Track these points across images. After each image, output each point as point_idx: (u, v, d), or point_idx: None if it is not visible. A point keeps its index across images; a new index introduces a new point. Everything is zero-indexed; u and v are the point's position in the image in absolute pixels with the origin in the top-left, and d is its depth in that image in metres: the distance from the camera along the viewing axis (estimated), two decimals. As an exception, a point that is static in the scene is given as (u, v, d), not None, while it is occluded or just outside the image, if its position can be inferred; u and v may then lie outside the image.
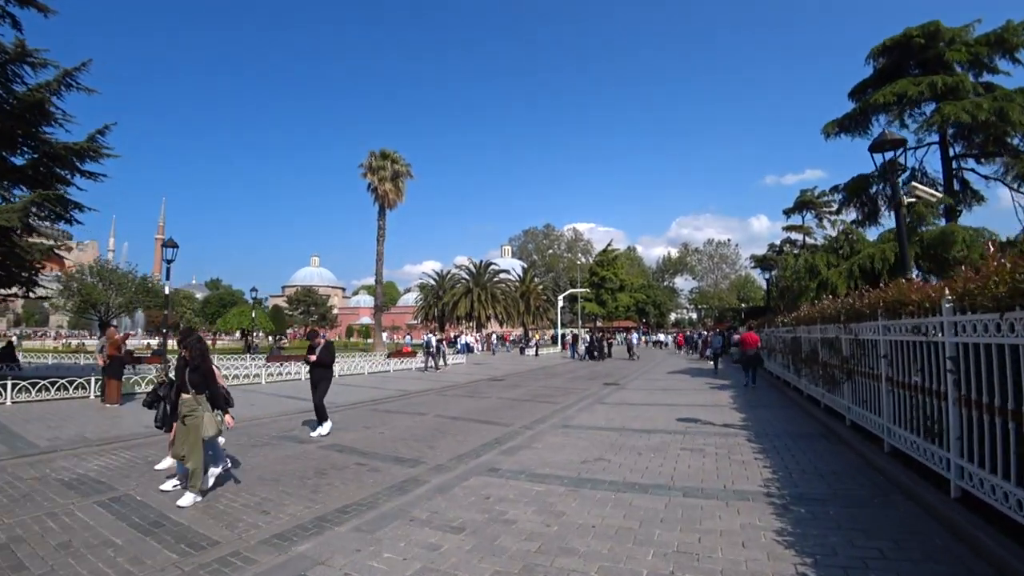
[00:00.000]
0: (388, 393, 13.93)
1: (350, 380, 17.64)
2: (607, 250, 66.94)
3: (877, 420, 6.04)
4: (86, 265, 38.00)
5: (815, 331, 9.24)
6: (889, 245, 12.73)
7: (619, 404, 11.11)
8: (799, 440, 7.08)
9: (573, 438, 7.60)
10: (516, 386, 15.48)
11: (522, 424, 8.94)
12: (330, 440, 7.76)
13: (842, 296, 9.90)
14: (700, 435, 7.56)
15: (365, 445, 7.47)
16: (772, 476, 5.36)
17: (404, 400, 12.57)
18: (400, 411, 10.74)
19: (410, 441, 7.68)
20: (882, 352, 5.79)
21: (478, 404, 11.67)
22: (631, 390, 13.86)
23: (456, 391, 14.55)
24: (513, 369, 22.67)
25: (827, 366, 8.35)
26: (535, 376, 19.03)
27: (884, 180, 15.71)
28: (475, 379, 18.01)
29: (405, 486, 5.37)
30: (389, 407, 11.39)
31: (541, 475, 5.63)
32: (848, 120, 16.26)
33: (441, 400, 12.55)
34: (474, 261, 51.18)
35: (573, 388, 14.56)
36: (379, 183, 35.07)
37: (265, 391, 14.34)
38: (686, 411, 9.91)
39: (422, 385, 16.11)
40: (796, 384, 11.39)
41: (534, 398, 12.55)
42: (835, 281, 13.08)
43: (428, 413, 10.40)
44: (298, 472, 5.98)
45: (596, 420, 9.11)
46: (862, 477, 5.27)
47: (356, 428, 8.81)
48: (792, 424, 8.33)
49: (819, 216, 31.98)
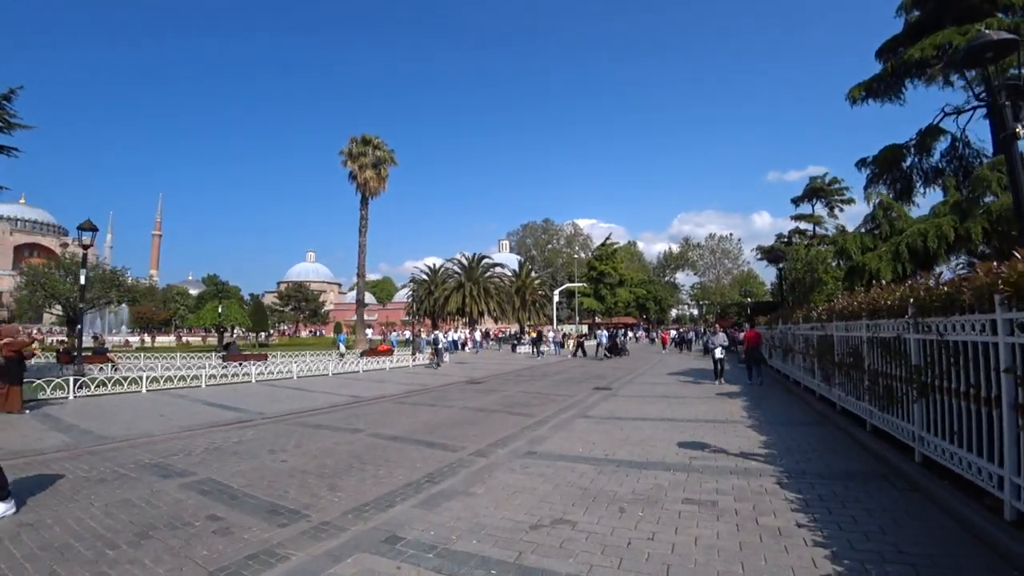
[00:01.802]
0: (336, 400, 11.83)
1: (308, 383, 15.55)
2: (606, 244, 64.85)
3: (985, 466, 3.92)
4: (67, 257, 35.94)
5: (857, 328, 7.10)
6: (947, 219, 10.45)
7: (606, 418, 8.99)
8: (852, 485, 4.94)
9: (533, 476, 5.48)
10: (492, 391, 13.36)
11: (475, 449, 6.84)
12: (204, 474, 5.67)
13: (885, 283, 7.77)
14: (710, 473, 5.44)
15: (247, 482, 5.39)
16: (834, 569, 3.24)
17: (348, 411, 10.46)
18: (332, 427, 8.64)
19: (310, 477, 5.58)
20: (1002, 362, 3.67)
21: (435, 416, 9.56)
22: (624, 397, 11.73)
23: (419, 397, 12.44)
24: (498, 369, 20.55)
25: (879, 376, 6.22)
26: (519, 378, 16.91)
27: (920, 150, 13.50)
28: (450, 382, 15.90)
29: (249, 566, 3.35)
30: (323, 420, 9.28)
31: (460, 558, 3.52)
32: (878, 82, 13.96)
33: (393, 410, 10.44)
34: (466, 254, 48.90)
35: (556, 394, 12.45)
36: (360, 170, 32.84)
37: (198, 397, 12.27)
38: (690, 429, 7.79)
39: (384, 390, 14.01)
40: (825, 394, 9.26)
41: (506, 408, 10.43)
42: (874, 265, 10.80)
43: (364, 430, 8.29)
44: (112, 533, 3.90)
45: (572, 445, 6.98)
46: (985, 571, 3.16)
47: (258, 453, 6.72)
48: (833, 454, 6.20)
49: (830, 205, 29.80)
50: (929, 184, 14.16)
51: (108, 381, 12.90)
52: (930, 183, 14.11)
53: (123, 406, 10.96)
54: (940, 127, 14.17)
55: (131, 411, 10.29)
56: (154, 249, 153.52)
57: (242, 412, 10.18)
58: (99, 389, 12.58)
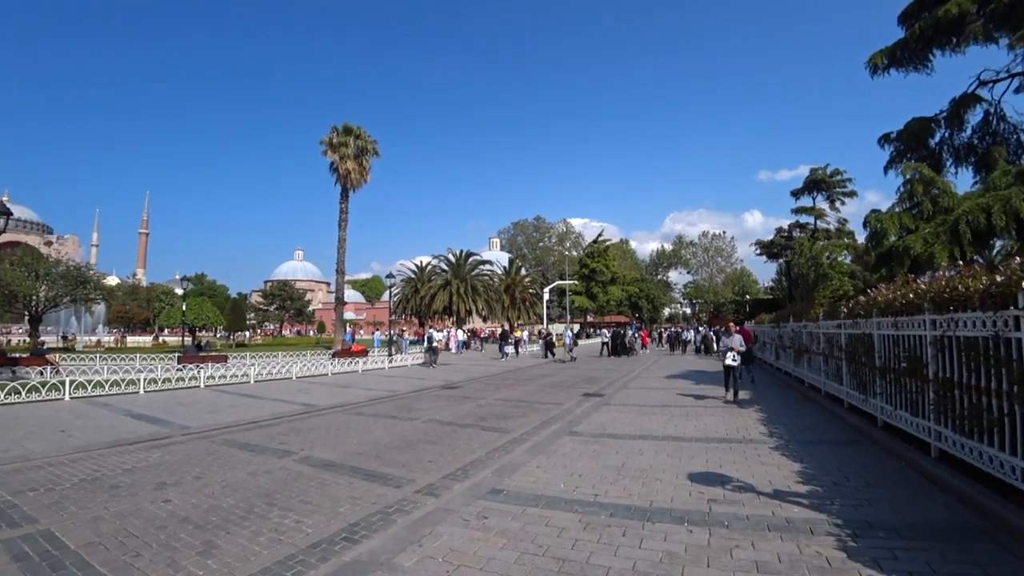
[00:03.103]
0: (283, 410, 10.18)
1: (264, 388, 13.86)
2: (598, 240, 63.46)
3: None
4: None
5: (915, 325, 5.58)
6: (1016, 191, 8.87)
7: (597, 436, 7.41)
8: (948, 551, 3.39)
9: (492, 535, 3.89)
10: (467, 399, 11.75)
11: (426, 483, 5.24)
12: (45, 523, 4.02)
13: (942, 268, 6.27)
14: (740, 529, 3.87)
15: (92, 539, 3.85)
16: None
17: (291, 424, 8.81)
18: (260, 447, 7.00)
19: (185, 532, 3.97)
20: None
21: (390, 432, 7.93)
22: (617, 407, 10.17)
23: (382, 406, 10.80)
24: (480, 372, 18.92)
25: (956, 388, 4.70)
26: (500, 383, 15.32)
27: (952, 123, 12.00)
28: (422, 387, 14.27)
29: None
30: (255, 437, 7.63)
31: None
32: (902, 49, 12.37)
33: (343, 424, 8.80)
34: (454, 251, 47.18)
35: (540, 403, 10.87)
36: (340, 161, 31.01)
37: (127, 406, 10.57)
38: (701, 453, 6.24)
39: (345, 397, 12.35)
40: (858, 405, 7.76)
41: (479, 421, 8.83)
42: (918, 249, 9.20)
43: (296, 452, 6.66)
44: None
45: (552, 477, 5.39)
46: None
47: (142, 488, 5.10)
48: (896, 493, 4.66)
49: (831, 198, 28.49)
50: (961, 162, 12.71)
51: (23, 388, 11.13)
52: (962, 161, 12.66)
53: (27, 418, 9.25)
54: (976, 95, 12.69)
55: (29, 425, 8.58)
56: (141, 247, 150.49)
57: (163, 426, 8.51)
58: (11, 397, 10.82)
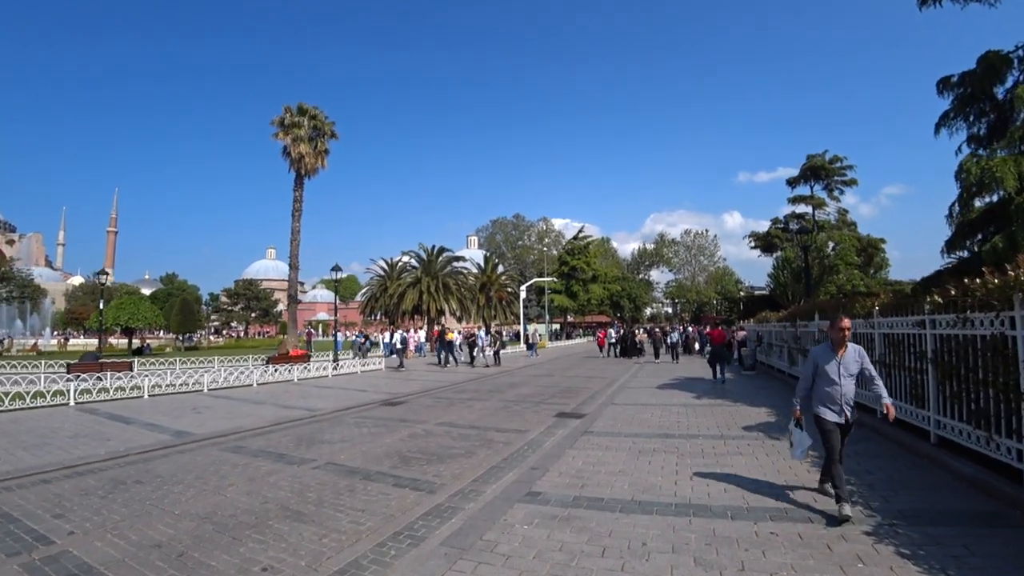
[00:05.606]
0: (140, 442, 7.18)
1: (153, 406, 10.77)
2: (579, 237, 61.07)
3: None
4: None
5: None
6: None
7: (570, 503, 4.67)
8: None
9: None
10: (402, 422, 8.90)
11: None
12: None
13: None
14: None
15: None
16: None
17: (124, 469, 5.84)
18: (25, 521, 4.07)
19: None
20: None
21: (250, 490, 5.05)
22: (602, 437, 7.43)
23: (279, 436, 7.86)
24: (435, 381, 16.04)
25: None
26: (456, 396, 12.52)
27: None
28: (355, 403, 11.34)
29: None
30: (24, 500, 4.69)
31: None
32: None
33: (200, 468, 5.84)
34: (425, 247, 44.10)
35: (497, 429, 8.12)
36: (293, 144, 27.63)
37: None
38: (748, 545, 3.54)
39: (242, 420, 9.37)
40: (980, 449, 5.22)
41: (399, 467, 5.98)
42: None
43: (56, 541, 3.77)
44: None
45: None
46: None
47: None
48: None
49: (829, 187, 26.46)
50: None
51: None
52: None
53: None
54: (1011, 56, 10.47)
55: None
56: (109, 247, 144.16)
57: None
58: None
